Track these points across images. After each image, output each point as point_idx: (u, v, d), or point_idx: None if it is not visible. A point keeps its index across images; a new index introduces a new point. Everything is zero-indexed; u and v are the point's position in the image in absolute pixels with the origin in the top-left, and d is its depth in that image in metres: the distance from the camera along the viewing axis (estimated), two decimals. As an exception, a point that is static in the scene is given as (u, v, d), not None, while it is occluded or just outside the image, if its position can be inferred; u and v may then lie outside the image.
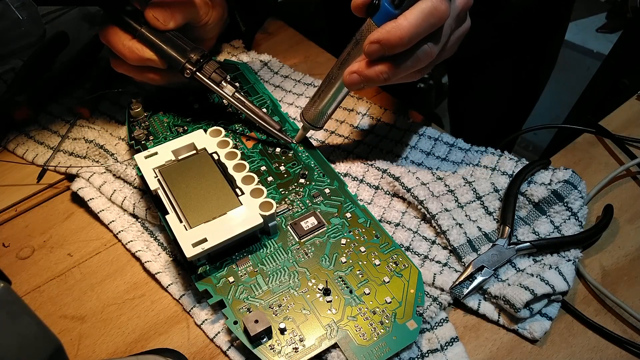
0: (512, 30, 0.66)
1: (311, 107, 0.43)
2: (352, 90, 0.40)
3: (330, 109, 0.43)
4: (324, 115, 0.43)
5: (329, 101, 0.42)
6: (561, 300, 0.36)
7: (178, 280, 0.38)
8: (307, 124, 0.44)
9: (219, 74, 0.44)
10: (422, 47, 0.36)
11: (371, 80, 0.37)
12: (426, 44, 0.36)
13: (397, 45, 0.34)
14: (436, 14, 0.34)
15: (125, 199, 0.43)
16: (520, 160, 0.44)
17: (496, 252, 0.38)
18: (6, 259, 0.41)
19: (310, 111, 0.43)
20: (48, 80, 0.53)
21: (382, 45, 0.35)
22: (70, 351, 0.36)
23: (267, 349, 0.33)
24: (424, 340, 0.35)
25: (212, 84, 0.44)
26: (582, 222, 0.40)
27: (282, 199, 0.42)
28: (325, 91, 0.42)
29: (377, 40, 0.35)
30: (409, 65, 0.36)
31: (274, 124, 0.45)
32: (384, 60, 0.36)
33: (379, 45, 0.35)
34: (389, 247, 0.38)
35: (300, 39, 0.61)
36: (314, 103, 0.43)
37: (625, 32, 0.67)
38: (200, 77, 0.44)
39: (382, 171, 0.44)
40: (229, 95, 0.45)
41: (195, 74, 0.44)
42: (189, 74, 0.44)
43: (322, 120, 0.44)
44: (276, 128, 0.45)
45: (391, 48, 0.35)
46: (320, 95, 0.42)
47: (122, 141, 0.48)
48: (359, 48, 0.38)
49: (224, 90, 0.45)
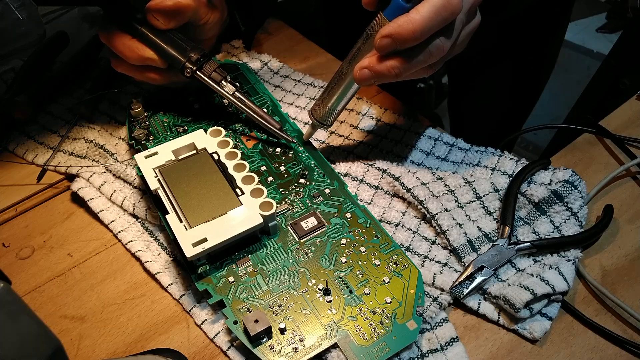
0: (512, 30, 0.66)
1: (320, 105, 0.43)
2: (362, 86, 0.40)
3: (339, 106, 0.42)
4: (333, 113, 0.43)
5: (338, 98, 0.41)
6: (561, 300, 0.36)
7: (178, 280, 0.38)
8: (317, 122, 0.44)
9: (219, 73, 0.44)
10: (434, 41, 0.35)
11: (382, 76, 0.36)
12: (438, 38, 0.35)
13: (409, 39, 0.34)
14: (449, 7, 0.33)
15: (125, 199, 0.43)
16: (520, 160, 0.44)
17: (496, 252, 0.38)
18: (6, 259, 0.41)
19: (320, 109, 0.43)
20: (48, 80, 0.53)
21: (393, 39, 0.34)
22: (70, 351, 0.36)
23: (267, 348, 0.33)
24: (424, 340, 0.35)
25: (212, 83, 0.44)
26: (582, 222, 0.40)
27: (282, 199, 0.42)
28: (334, 88, 0.41)
29: (388, 35, 0.34)
30: (420, 60, 0.36)
31: (275, 123, 0.45)
32: (395, 55, 0.35)
33: (391, 39, 0.34)
34: (389, 248, 0.38)
35: (300, 39, 0.61)
36: (323, 100, 0.42)
37: (625, 32, 0.67)
38: (201, 76, 0.44)
39: (382, 171, 0.44)
40: (230, 94, 0.45)
41: (196, 73, 0.44)
42: (189, 73, 0.44)
43: (331, 117, 0.43)
44: (277, 127, 0.45)
45: (403, 42, 0.34)
46: (330, 92, 0.42)
47: (122, 141, 0.48)
48: (369, 43, 0.37)
49: (224, 89, 0.45)
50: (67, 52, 0.57)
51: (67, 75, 0.54)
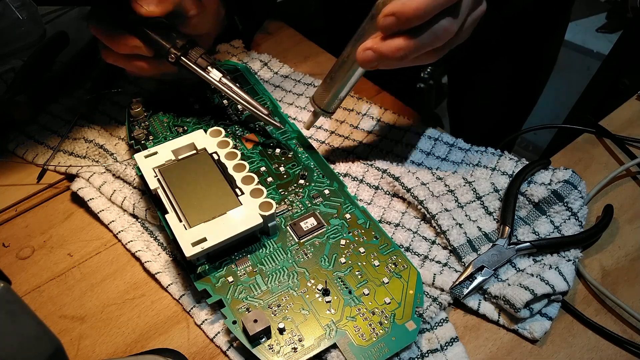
0: (512, 30, 0.66)
1: (323, 91, 0.41)
2: (366, 69, 0.38)
3: (343, 92, 0.40)
4: (336, 99, 0.41)
5: (342, 83, 0.39)
6: (561, 300, 0.36)
7: (178, 280, 0.38)
8: (319, 109, 0.42)
9: (205, 59, 0.43)
10: (440, 22, 0.34)
11: (386, 58, 0.35)
12: (444, 18, 0.34)
13: (414, 17, 0.33)
14: None
15: (125, 199, 0.43)
16: (520, 160, 0.44)
17: (496, 252, 0.38)
18: (6, 259, 0.41)
19: (322, 95, 0.41)
20: (48, 80, 0.53)
21: (397, 17, 0.33)
22: (70, 351, 0.36)
23: (266, 348, 0.33)
24: (423, 340, 0.35)
25: (197, 69, 0.43)
26: (582, 222, 0.40)
27: (282, 200, 0.42)
28: (338, 73, 0.39)
29: (392, 13, 0.33)
30: (426, 41, 0.34)
31: (263, 109, 0.44)
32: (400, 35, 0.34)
33: (394, 17, 0.33)
34: (388, 248, 0.38)
35: (300, 39, 0.61)
36: (326, 86, 0.41)
37: (625, 32, 0.67)
38: (185, 61, 0.43)
39: (382, 171, 0.44)
40: (216, 80, 0.44)
41: (180, 59, 0.43)
42: (174, 59, 0.43)
43: (334, 104, 0.41)
44: (264, 113, 0.44)
45: (407, 21, 0.33)
46: (333, 76, 0.40)
47: (122, 141, 0.48)
48: (374, 23, 0.35)
49: (210, 75, 0.44)
50: (67, 52, 0.57)
51: (67, 75, 0.54)
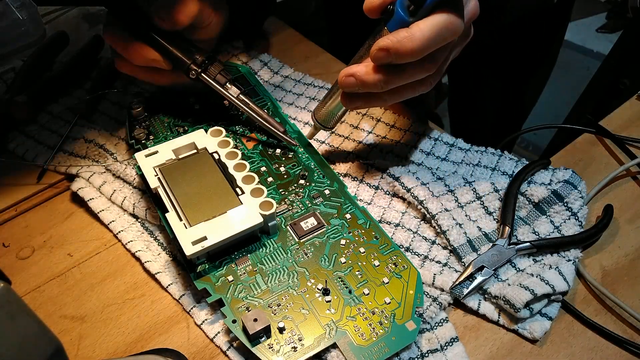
0: (512, 31, 0.66)
1: (322, 107, 0.43)
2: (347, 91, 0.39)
3: (340, 111, 0.42)
4: (334, 116, 0.43)
5: (339, 103, 0.41)
6: (561, 300, 0.36)
7: (178, 280, 0.38)
8: (318, 124, 0.44)
9: (223, 75, 0.44)
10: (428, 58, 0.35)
11: (367, 86, 0.36)
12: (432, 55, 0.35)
13: (407, 56, 0.33)
14: (451, 28, 0.33)
15: (125, 199, 0.43)
16: (520, 160, 0.44)
17: (496, 252, 0.38)
18: (6, 259, 0.41)
19: (321, 111, 0.43)
20: (48, 80, 0.53)
21: (390, 53, 0.34)
22: (70, 351, 0.36)
23: (266, 348, 0.33)
24: (423, 340, 0.35)
25: (217, 86, 0.44)
26: (582, 222, 0.40)
27: (282, 200, 0.42)
28: (336, 93, 0.41)
29: (386, 48, 0.34)
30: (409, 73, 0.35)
31: (278, 126, 0.45)
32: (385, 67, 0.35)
33: (387, 53, 0.34)
34: (388, 248, 0.38)
35: (300, 39, 0.61)
36: (325, 103, 0.42)
37: (625, 32, 0.67)
38: (206, 78, 0.44)
39: (381, 171, 0.44)
40: (234, 97, 0.44)
41: (201, 75, 0.44)
42: (194, 75, 0.44)
43: (332, 121, 0.43)
44: (280, 130, 0.45)
45: (399, 58, 0.34)
46: (332, 96, 0.42)
47: (122, 141, 0.48)
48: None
49: (229, 91, 0.45)
50: (67, 52, 0.57)
51: (67, 75, 0.54)
